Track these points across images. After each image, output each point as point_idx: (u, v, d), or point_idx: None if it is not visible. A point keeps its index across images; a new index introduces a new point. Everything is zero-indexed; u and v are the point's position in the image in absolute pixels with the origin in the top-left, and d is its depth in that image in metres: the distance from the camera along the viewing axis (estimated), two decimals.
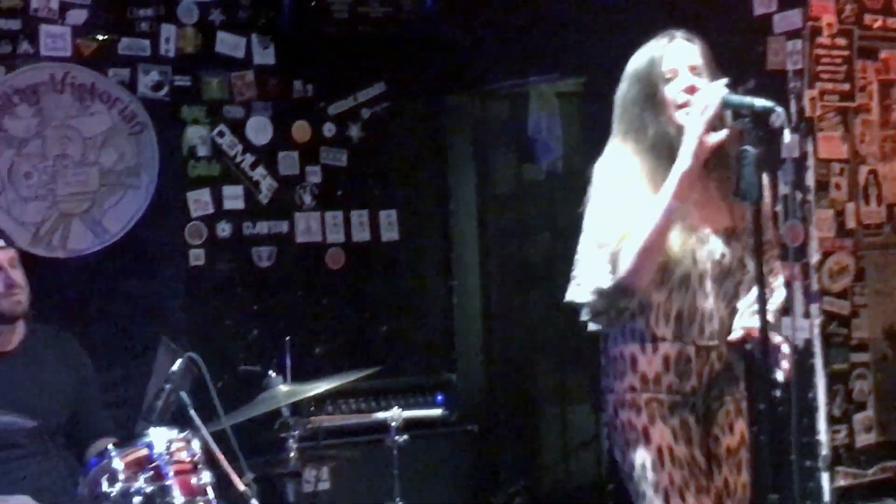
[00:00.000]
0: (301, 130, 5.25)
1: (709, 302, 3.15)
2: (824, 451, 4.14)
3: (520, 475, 5.41)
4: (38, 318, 4.09)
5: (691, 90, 3.05)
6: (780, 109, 2.87)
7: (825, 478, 4.14)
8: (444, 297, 5.56)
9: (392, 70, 5.40)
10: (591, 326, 3.27)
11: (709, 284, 3.14)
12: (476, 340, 5.60)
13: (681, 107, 3.07)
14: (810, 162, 4.17)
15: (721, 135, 2.98)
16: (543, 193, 5.74)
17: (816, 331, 4.15)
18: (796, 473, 3.96)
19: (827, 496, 4.14)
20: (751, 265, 3.10)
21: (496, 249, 5.66)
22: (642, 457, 3.13)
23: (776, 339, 3.05)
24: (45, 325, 4.17)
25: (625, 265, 3.02)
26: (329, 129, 5.31)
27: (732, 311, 3.19)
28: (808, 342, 4.12)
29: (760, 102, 2.90)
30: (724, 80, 3.00)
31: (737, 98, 2.96)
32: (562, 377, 5.75)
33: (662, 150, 3.08)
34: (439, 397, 4.78)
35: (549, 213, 5.74)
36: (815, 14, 4.16)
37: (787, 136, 2.85)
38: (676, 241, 3.10)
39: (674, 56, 3.11)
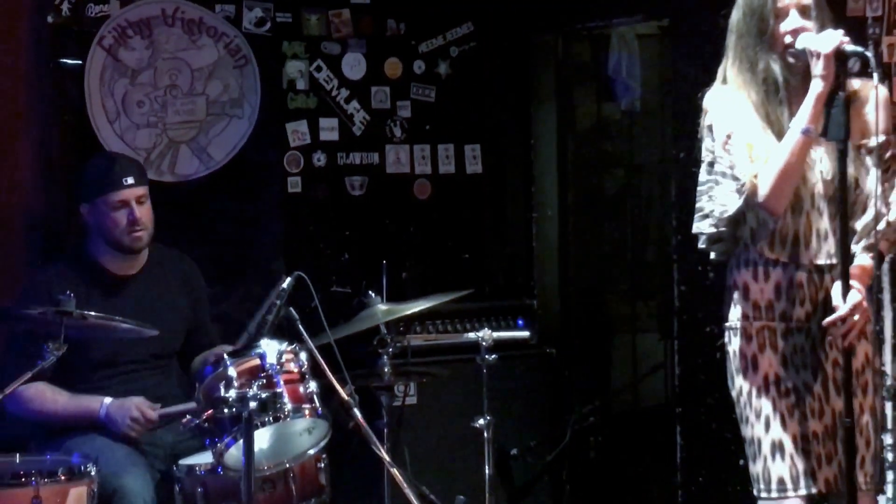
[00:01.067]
0: (393, 67, 5.28)
1: (823, 221, 3.12)
2: (889, 381, 4.13)
3: (593, 396, 5.48)
4: (156, 239, 4.15)
5: (796, 33, 3.02)
6: (870, 55, 2.87)
7: (889, 406, 4.15)
8: (524, 228, 5.56)
9: (480, 10, 5.39)
10: (713, 256, 3.27)
11: (822, 204, 3.11)
12: (553, 269, 5.59)
13: (787, 47, 3.04)
14: None
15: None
16: (621, 131, 5.78)
17: (885, 266, 4.10)
18: None
19: (890, 423, 4.15)
20: (864, 184, 3.10)
21: (574, 183, 5.63)
22: (749, 384, 3.15)
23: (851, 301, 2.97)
24: (167, 248, 4.26)
25: (765, 189, 3.01)
26: (419, 66, 5.33)
27: (848, 230, 3.08)
28: (878, 277, 4.04)
29: (851, 47, 2.90)
30: (842, 32, 2.94)
31: (851, 48, 2.91)
32: (632, 306, 5.80)
33: (770, 85, 3.09)
34: (520, 321, 4.86)
35: (625, 149, 5.79)
36: None
37: (876, 79, 2.88)
38: None
39: None
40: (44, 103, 4.66)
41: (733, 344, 3.21)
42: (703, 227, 3.21)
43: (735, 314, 3.21)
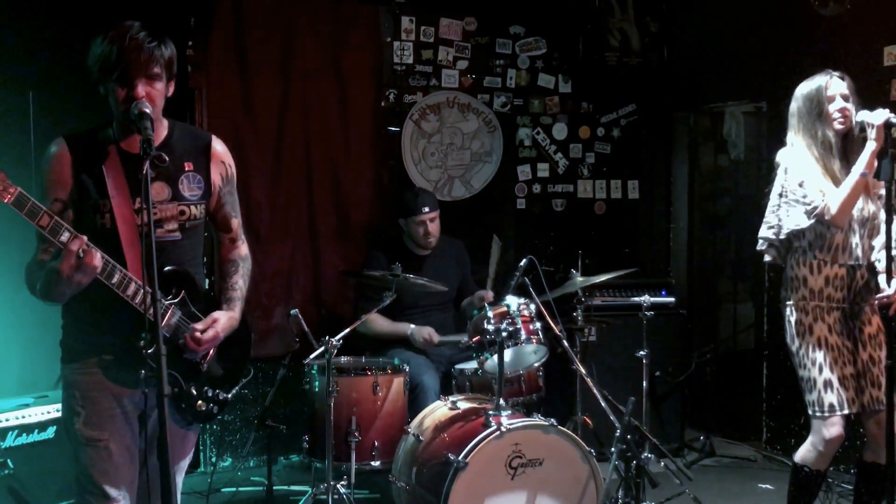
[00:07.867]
0: (584, 131, 5.26)
1: (855, 237, 3.00)
2: None
3: (708, 342, 5.31)
4: (442, 233, 4.22)
5: (843, 111, 2.94)
6: None
7: None
8: (665, 234, 5.46)
9: (640, 95, 5.33)
10: (767, 258, 3.11)
11: (856, 226, 2.99)
12: (684, 260, 5.47)
13: (835, 120, 2.94)
14: None
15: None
16: (729, 173, 5.56)
17: None
18: None
19: None
20: (880, 215, 2.99)
21: (698, 206, 5.49)
22: (806, 342, 3.01)
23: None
24: (450, 238, 4.35)
25: (834, 209, 2.89)
26: (600, 131, 5.29)
27: (869, 244, 3.02)
28: None
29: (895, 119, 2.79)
30: (888, 111, 2.83)
31: (894, 118, 2.81)
32: (734, 285, 5.58)
33: (826, 145, 2.96)
34: (663, 292, 4.74)
35: (732, 185, 5.56)
36: None
37: None
38: None
39: (833, 87, 2.98)
40: (378, 153, 4.82)
41: (794, 315, 3.04)
42: (767, 234, 3.07)
43: (796, 296, 3.03)
